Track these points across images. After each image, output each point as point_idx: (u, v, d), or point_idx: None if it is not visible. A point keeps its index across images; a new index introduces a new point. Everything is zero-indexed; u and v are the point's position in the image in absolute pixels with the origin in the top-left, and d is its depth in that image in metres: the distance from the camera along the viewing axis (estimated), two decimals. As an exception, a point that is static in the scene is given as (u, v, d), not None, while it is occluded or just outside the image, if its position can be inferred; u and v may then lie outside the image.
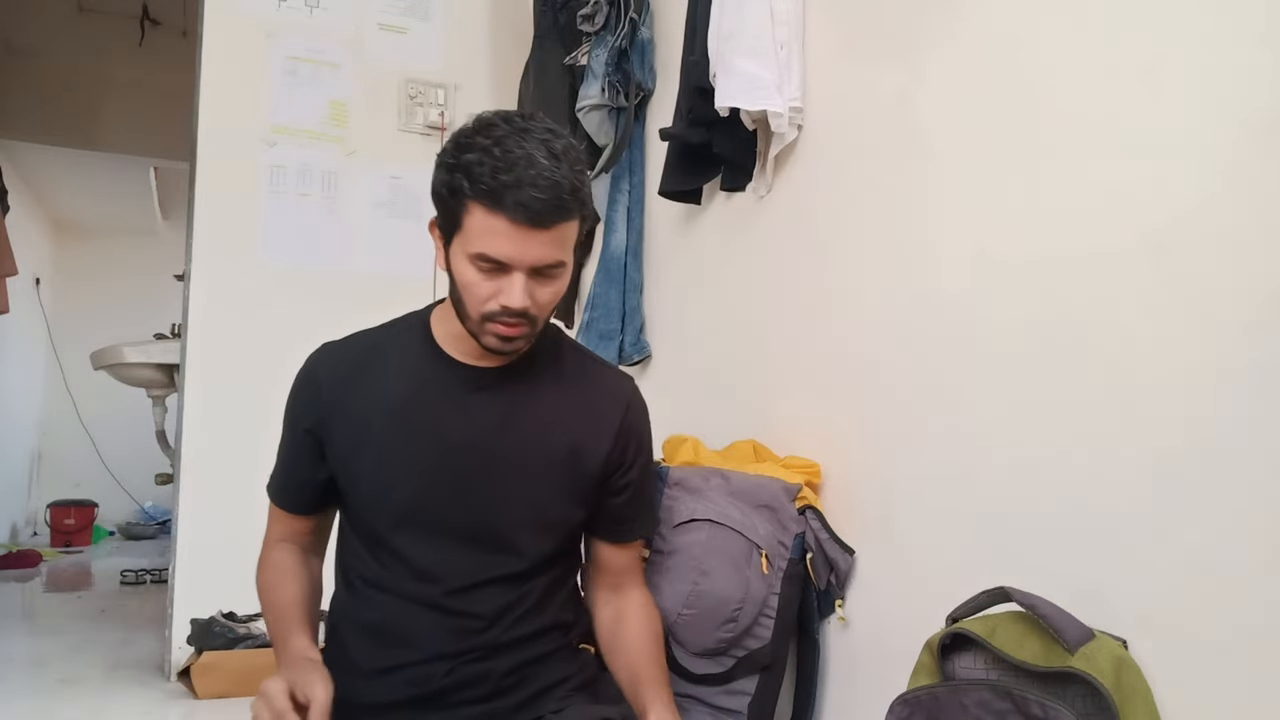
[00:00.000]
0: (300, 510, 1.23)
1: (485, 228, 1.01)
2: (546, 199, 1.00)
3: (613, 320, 2.16)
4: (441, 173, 1.05)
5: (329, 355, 1.20)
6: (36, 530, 5.43)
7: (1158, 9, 1.00)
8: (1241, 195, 0.90)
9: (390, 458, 1.13)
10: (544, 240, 1.02)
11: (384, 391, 1.15)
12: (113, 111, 4.43)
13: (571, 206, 1.03)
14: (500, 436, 1.14)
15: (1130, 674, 0.93)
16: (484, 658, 1.11)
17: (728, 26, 1.63)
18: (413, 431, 1.13)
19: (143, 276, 5.73)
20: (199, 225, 2.39)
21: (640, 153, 2.20)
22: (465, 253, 1.04)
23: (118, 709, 2.13)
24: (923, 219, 1.33)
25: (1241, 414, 0.89)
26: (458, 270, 1.06)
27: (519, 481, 1.15)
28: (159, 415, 3.37)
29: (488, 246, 1.02)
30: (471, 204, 1.01)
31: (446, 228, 1.07)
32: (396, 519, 1.14)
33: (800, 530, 1.41)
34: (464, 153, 1.02)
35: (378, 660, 1.12)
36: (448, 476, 1.13)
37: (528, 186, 0.99)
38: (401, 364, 1.17)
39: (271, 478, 1.24)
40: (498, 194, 0.99)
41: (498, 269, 1.03)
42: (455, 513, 1.13)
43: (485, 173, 1.00)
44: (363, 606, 1.15)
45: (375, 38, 2.57)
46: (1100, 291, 1.04)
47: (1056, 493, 1.08)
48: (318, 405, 1.16)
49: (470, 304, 1.06)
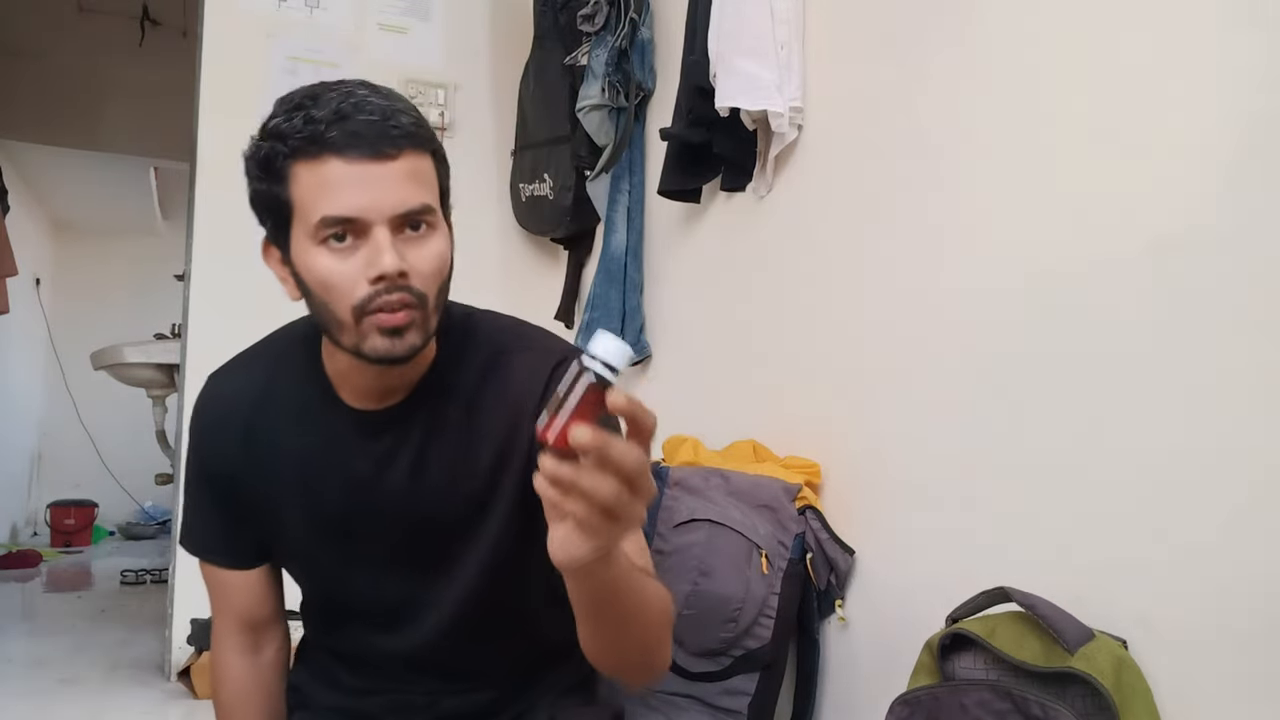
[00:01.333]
0: (238, 562, 1.03)
1: (317, 183, 0.81)
2: (380, 120, 0.81)
3: (613, 320, 2.16)
4: (251, 165, 0.86)
5: (223, 392, 1.01)
6: (36, 530, 5.42)
7: (1158, 9, 1.00)
8: (1242, 195, 0.90)
9: (306, 544, 0.99)
10: (394, 175, 0.81)
11: (286, 446, 0.97)
12: (113, 111, 4.43)
13: (416, 132, 0.83)
14: (414, 494, 0.94)
15: (1130, 674, 0.93)
16: (466, 693, 1.03)
17: (728, 26, 1.63)
18: (323, 503, 0.96)
19: (143, 276, 5.73)
20: (199, 225, 2.39)
21: (640, 153, 2.20)
22: (306, 236, 0.83)
23: (118, 709, 2.13)
24: (922, 219, 1.33)
25: (1242, 414, 0.89)
26: (307, 267, 0.84)
27: (446, 540, 0.96)
28: (159, 415, 3.37)
29: (327, 205, 0.81)
30: (293, 166, 0.82)
31: (276, 225, 0.86)
32: (326, 594, 1.04)
33: (800, 530, 1.41)
34: (267, 125, 0.85)
35: (356, 681, 1.05)
36: (369, 550, 0.97)
37: (353, 115, 0.80)
38: (299, 410, 0.97)
39: (186, 530, 1.04)
40: (319, 137, 0.80)
41: (350, 234, 0.82)
42: (384, 586, 0.99)
43: (298, 124, 0.81)
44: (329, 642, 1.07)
45: (375, 38, 2.57)
46: (1100, 291, 1.04)
47: (1056, 493, 1.08)
48: (226, 453, 0.99)
49: (337, 303, 0.83)
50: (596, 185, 2.24)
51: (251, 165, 0.86)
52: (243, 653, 1.06)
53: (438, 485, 0.94)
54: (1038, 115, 1.14)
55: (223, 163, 2.40)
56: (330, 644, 1.07)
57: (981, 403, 1.20)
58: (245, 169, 0.87)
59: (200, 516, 1.04)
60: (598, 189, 2.25)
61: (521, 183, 2.51)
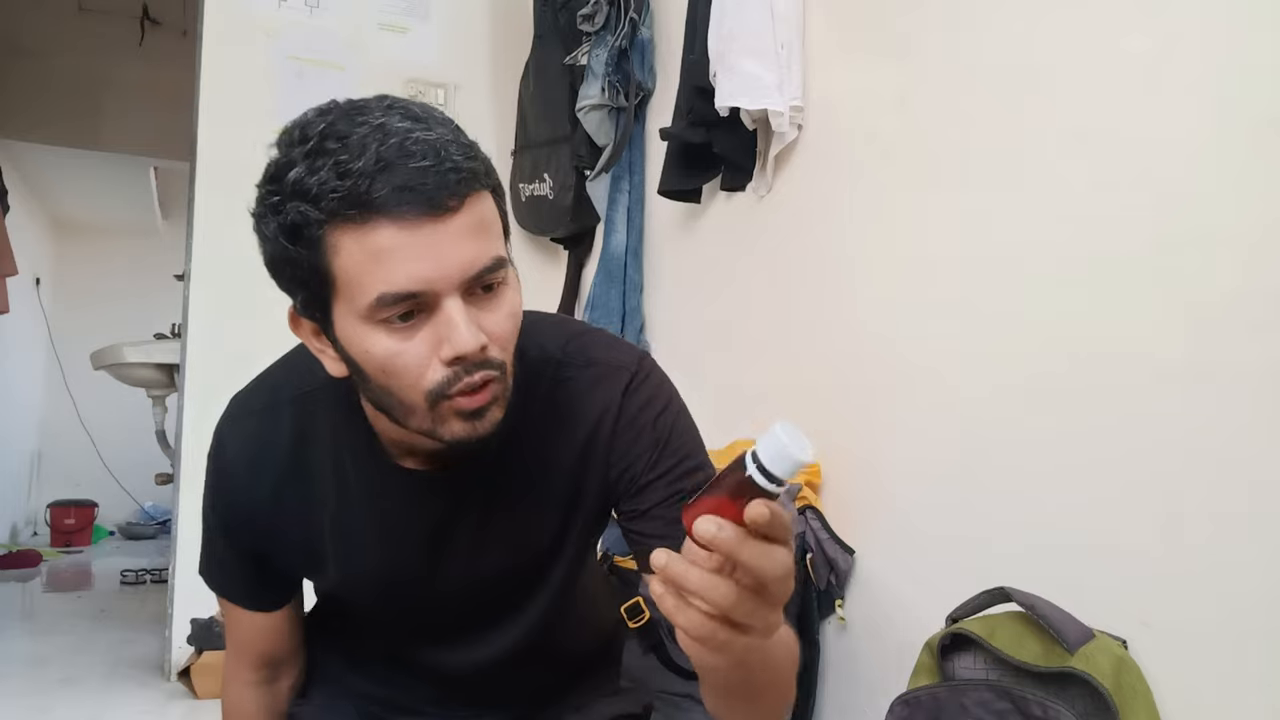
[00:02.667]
0: (258, 605, 0.94)
1: (368, 255, 0.65)
2: (433, 165, 0.65)
3: (613, 320, 2.16)
4: (268, 224, 0.68)
5: (250, 442, 0.87)
6: (36, 530, 5.42)
7: (1158, 9, 1.00)
8: (1242, 195, 0.90)
9: (341, 592, 0.92)
10: (459, 230, 0.66)
11: (326, 509, 0.85)
12: (113, 111, 4.42)
13: (472, 170, 0.68)
14: (475, 564, 0.86)
15: (1130, 674, 0.93)
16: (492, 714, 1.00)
17: (728, 26, 1.63)
18: (369, 572, 0.87)
19: (143, 276, 5.72)
20: (199, 225, 2.39)
21: (640, 153, 2.20)
22: (358, 316, 0.67)
23: (118, 709, 2.13)
24: (922, 219, 1.33)
25: (1242, 414, 0.89)
26: (361, 351, 0.69)
27: (509, 608, 0.91)
28: (159, 415, 3.37)
29: (384, 281, 0.65)
30: (331, 235, 0.65)
31: (313, 301, 0.70)
32: (362, 640, 0.98)
33: (800, 530, 1.41)
34: (284, 175, 0.66)
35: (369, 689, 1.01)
36: (422, 625, 0.92)
37: (398, 162, 0.64)
38: (340, 467, 0.84)
39: (205, 567, 0.94)
40: (360, 197, 0.64)
41: (415, 310, 0.67)
42: (449, 656, 0.93)
43: (328, 179, 0.64)
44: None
45: (375, 38, 2.57)
46: (1101, 290, 1.04)
47: (1056, 493, 1.08)
48: (252, 521, 0.87)
49: (405, 390, 0.69)
50: (596, 185, 2.24)
51: (269, 226, 0.68)
52: (258, 685, 0.97)
53: (502, 548, 0.86)
54: (1037, 115, 1.14)
55: (223, 163, 2.41)
56: (346, 654, 1.01)
57: (981, 402, 1.20)
58: (257, 226, 0.70)
59: (218, 558, 0.92)
60: (598, 189, 2.25)
61: (521, 183, 2.51)
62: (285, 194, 0.66)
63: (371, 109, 0.68)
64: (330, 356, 0.74)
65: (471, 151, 0.69)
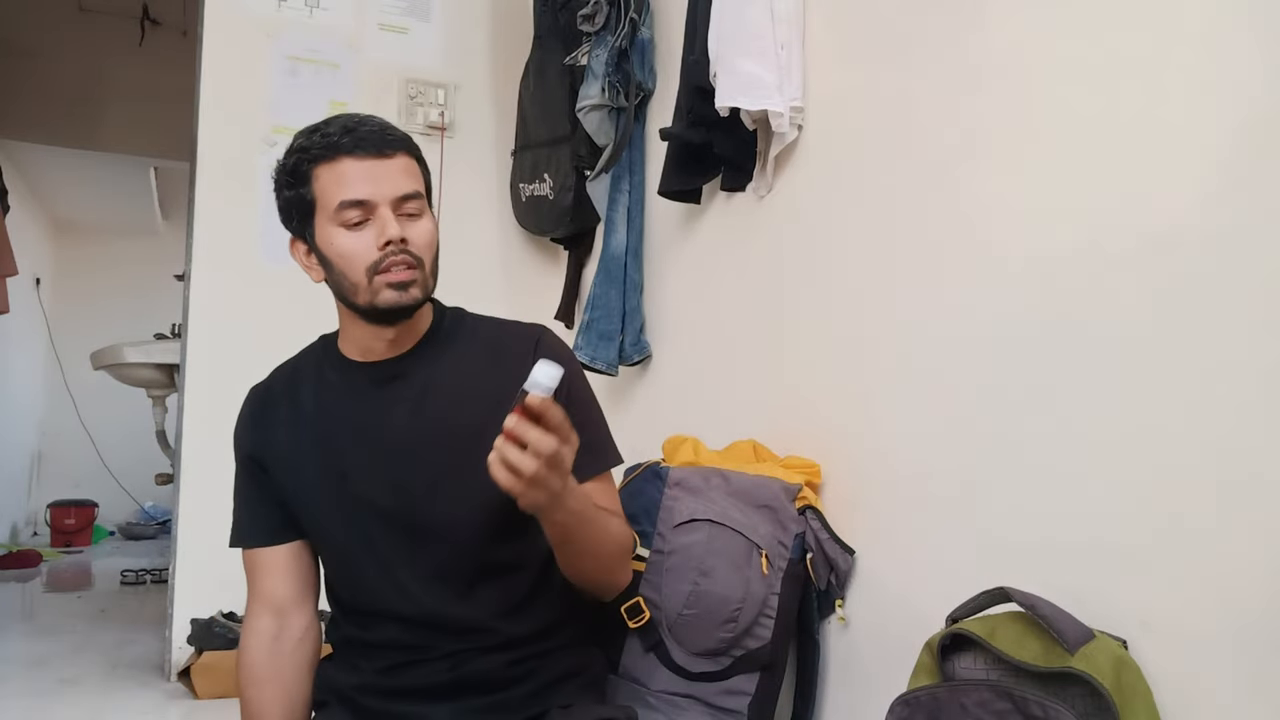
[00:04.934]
0: (268, 539, 1.19)
1: (335, 178, 1.06)
2: (377, 131, 1.08)
3: (613, 320, 2.16)
4: (282, 176, 1.10)
5: (256, 396, 1.22)
6: (36, 530, 5.42)
7: (1158, 9, 1.00)
8: (1242, 195, 0.90)
9: (321, 480, 1.14)
10: (392, 170, 1.07)
11: (304, 413, 1.16)
12: (113, 111, 4.43)
13: (405, 141, 1.10)
14: (417, 429, 1.12)
15: (1130, 674, 0.93)
16: (483, 654, 1.11)
17: (728, 26, 1.63)
18: (338, 447, 1.13)
19: (143, 276, 5.72)
20: (199, 225, 2.39)
21: (640, 153, 2.20)
22: (327, 219, 1.07)
23: (118, 709, 2.13)
24: (922, 219, 1.33)
25: (1242, 413, 0.89)
26: (327, 245, 1.08)
27: (453, 465, 1.10)
28: (159, 415, 3.37)
29: (344, 191, 1.05)
30: (315, 169, 1.07)
31: (301, 218, 1.10)
32: (341, 540, 1.14)
33: (800, 530, 1.41)
34: (294, 145, 1.10)
35: (377, 661, 1.14)
36: (381, 481, 1.12)
37: (358, 128, 1.07)
38: (318, 380, 1.18)
39: (234, 529, 1.22)
40: (335, 145, 1.06)
41: (362, 214, 1.06)
42: (397, 518, 1.12)
43: (317, 140, 1.07)
44: (347, 627, 1.18)
45: (375, 38, 2.57)
46: (1101, 291, 1.04)
47: (1057, 493, 1.08)
48: (252, 441, 1.19)
49: (353, 269, 1.06)
50: (596, 185, 2.24)
51: (281, 177, 1.11)
52: (261, 634, 1.17)
53: (437, 422, 1.12)
54: (1037, 115, 1.14)
55: (223, 163, 2.41)
56: (355, 619, 1.16)
57: (982, 402, 1.20)
58: (275, 185, 1.12)
59: (240, 515, 1.21)
60: (598, 189, 2.24)
61: (521, 183, 2.51)
62: (292, 152, 1.10)
63: (352, 115, 1.11)
64: (314, 267, 1.13)
65: (407, 138, 1.12)
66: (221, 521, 1.23)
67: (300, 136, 1.10)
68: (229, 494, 1.22)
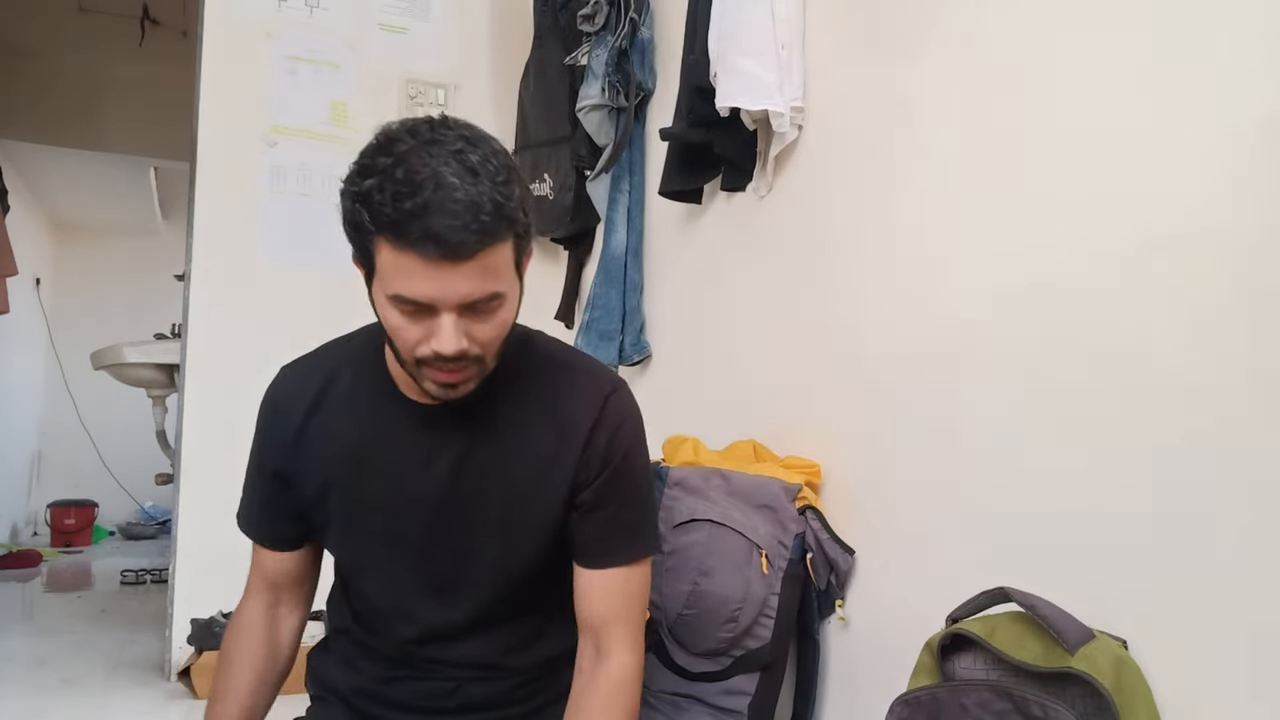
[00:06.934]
0: (277, 545, 1.15)
1: (395, 267, 0.87)
2: (461, 225, 0.84)
3: (613, 320, 2.16)
4: (345, 202, 0.90)
5: (288, 387, 1.10)
6: (36, 530, 5.42)
7: (1158, 9, 1.00)
8: (1241, 195, 0.90)
9: (350, 510, 1.07)
10: (467, 274, 0.86)
11: (342, 434, 1.06)
12: (113, 111, 4.43)
13: (495, 229, 0.86)
14: (457, 484, 1.04)
15: (1130, 674, 0.93)
16: (487, 681, 1.10)
17: (728, 26, 1.63)
18: (371, 484, 1.06)
19: (143, 276, 5.73)
20: (199, 225, 2.39)
21: (640, 153, 2.20)
22: (383, 294, 0.90)
23: (118, 709, 2.13)
24: (922, 219, 1.33)
25: (1241, 414, 0.89)
26: (381, 312, 0.93)
27: (487, 529, 1.05)
28: (159, 415, 3.37)
29: (402, 287, 0.87)
30: (377, 240, 0.88)
31: (362, 259, 0.93)
32: (357, 562, 1.11)
33: (800, 530, 1.41)
34: (364, 178, 0.87)
35: (381, 670, 1.13)
36: (411, 527, 1.06)
37: (436, 214, 0.83)
38: (357, 401, 1.07)
39: (241, 509, 1.17)
40: (402, 227, 0.84)
41: (421, 310, 0.89)
42: (420, 566, 1.07)
43: (385, 201, 0.85)
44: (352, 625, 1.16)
45: (375, 38, 2.57)
46: (1100, 292, 1.04)
47: (1056, 493, 1.08)
48: (282, 447, 1.08)
49: (401, 349, 0.93)
50: (596, 185, 2.24)
51: (345, 204, 0.91)
52: (258, 618, 1.15)
53: (477, 480, 1.04)
54: (1037, 115, 1.14)
55: (223, 163, 2.42)
56: (362, 621, 1.14)
57: (982, 402, 1.20)
58: (341, 198, 0.91)
59: (250, 502, 1.15)
60: (598, 189, 2.25)
61: (521, 183, 2.50)
62: (359, 195, 0.87)
63: (441, 150, 0.86)
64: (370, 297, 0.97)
65: (504, 207, 0.87)
66: (221, 522, 1.23)
67: (374, 168, 0.87)
68: (229, 494, 1.22)
